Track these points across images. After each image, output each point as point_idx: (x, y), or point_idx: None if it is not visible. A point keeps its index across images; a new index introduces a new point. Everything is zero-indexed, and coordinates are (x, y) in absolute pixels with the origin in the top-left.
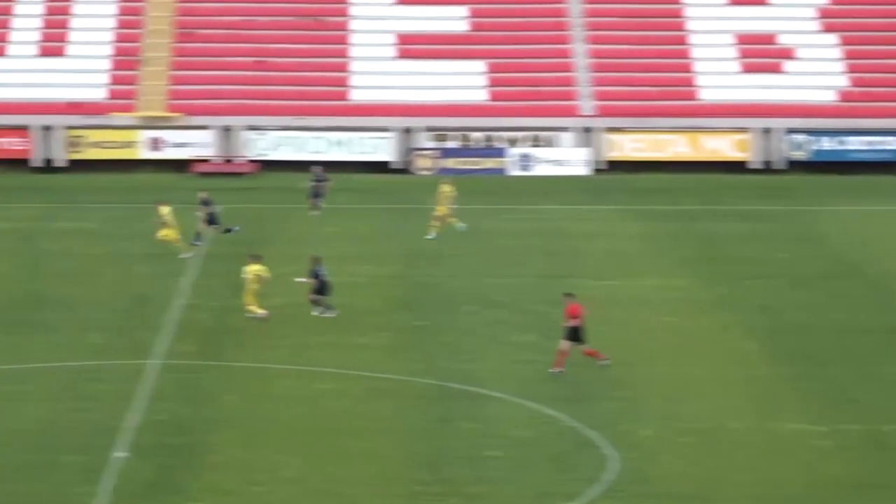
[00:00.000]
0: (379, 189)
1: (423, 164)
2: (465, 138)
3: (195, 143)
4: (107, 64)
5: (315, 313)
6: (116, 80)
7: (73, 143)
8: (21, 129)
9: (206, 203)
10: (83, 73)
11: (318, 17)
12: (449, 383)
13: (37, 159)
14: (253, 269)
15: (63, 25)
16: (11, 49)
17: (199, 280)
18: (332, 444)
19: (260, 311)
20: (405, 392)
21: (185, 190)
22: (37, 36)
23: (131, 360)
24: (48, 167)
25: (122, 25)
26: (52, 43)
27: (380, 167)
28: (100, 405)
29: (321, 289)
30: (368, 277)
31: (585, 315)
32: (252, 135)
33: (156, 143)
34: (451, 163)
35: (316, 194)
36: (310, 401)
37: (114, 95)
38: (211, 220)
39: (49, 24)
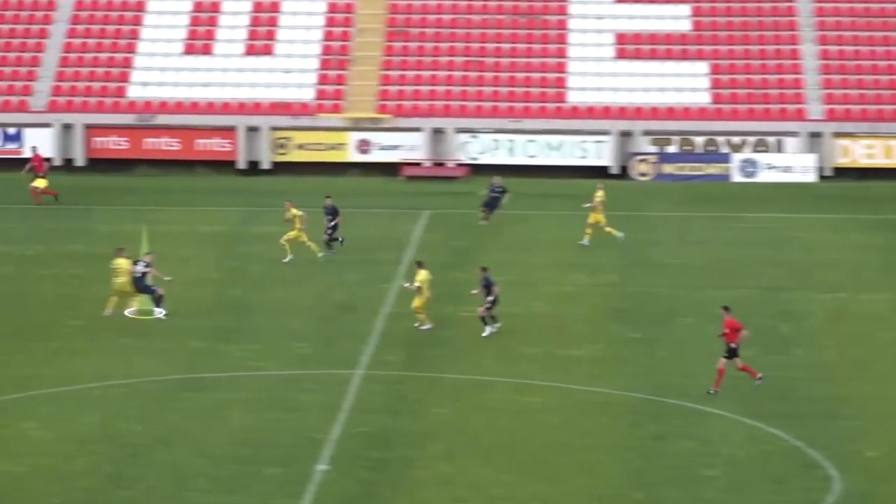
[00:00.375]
0: None
1: (641, 169)
2: (686, 143)
3: (404, 146)
4: (315, 63)
5: (486, 333)
6: (325, 81)
7: (280, 145)
8: (228, 130)
9: (331, 211)
10: (291, 73)
11: (533, 16)
12: (665, 399)
13: (242, 161)
14: (423, 276)
15: (272, 24)
16: (218, 48)
17: (406, 288)
18: (541, 459)
19: (427, 324)
20: (618, 407)
21: (393, 195)
22: (244, 34)
23: (335, 370)
24: (253, 169)
25: (332, 24)
26: (260, 41)
27: (597, 172)
28: (302, 416)
29: (492, 301)
30: (582, 286)
31: (742, 329)
32: (464, 137)
33: (363, 146)
34: (670, 168)
35: (489, 205)
36: (519, 414)
37: (322, 96)
38: (333, 230)
39: (257, 23)
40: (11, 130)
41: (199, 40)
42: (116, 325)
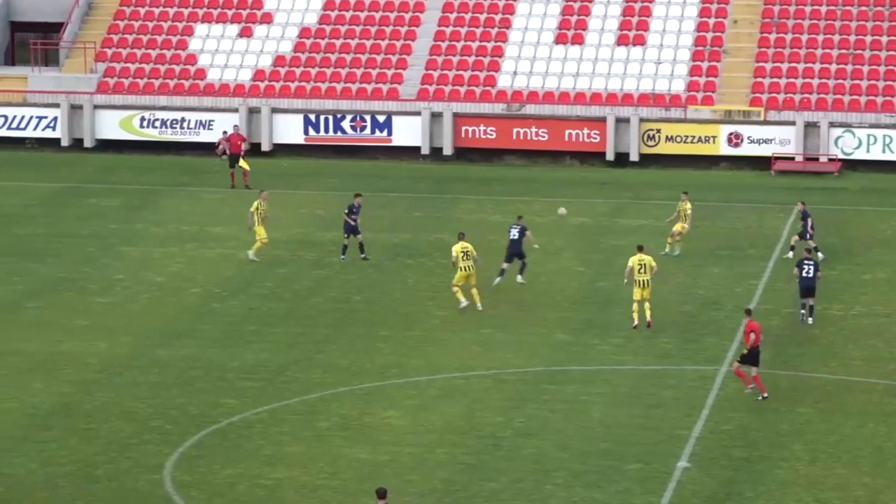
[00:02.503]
0: None
1: None
2: None
3: (776, 140)
4: (687, 55)
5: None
6: (696, 72)
7: (649, 137)
8: (597, 121)
9: (353, 211)
10: (662, 64)
11: None
12: None
13: (610, 152)
14: (636, 259)
15: (645, 14)
16: (590, 38)
17: (773, 284)
18: None
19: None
20: None
21: (762, 189)
22: (616, 24)
23: (698, 366)
24: (621, 161)
25: (705, 14)
26: (633, 32)
27: None
28: (664, 412)
29: (806, 287)
30: None
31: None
32: (837, 132)
33: (734, 139)
34: None
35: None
36: (887, 417)
37: (693, 88)
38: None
39: (629, 13)
40: (381, 118)
41: (571, 30)
42: (480, 315)
